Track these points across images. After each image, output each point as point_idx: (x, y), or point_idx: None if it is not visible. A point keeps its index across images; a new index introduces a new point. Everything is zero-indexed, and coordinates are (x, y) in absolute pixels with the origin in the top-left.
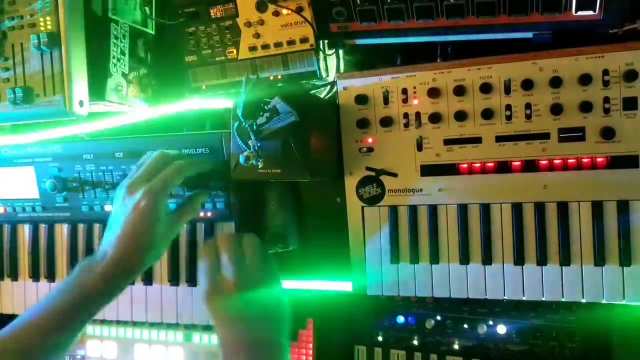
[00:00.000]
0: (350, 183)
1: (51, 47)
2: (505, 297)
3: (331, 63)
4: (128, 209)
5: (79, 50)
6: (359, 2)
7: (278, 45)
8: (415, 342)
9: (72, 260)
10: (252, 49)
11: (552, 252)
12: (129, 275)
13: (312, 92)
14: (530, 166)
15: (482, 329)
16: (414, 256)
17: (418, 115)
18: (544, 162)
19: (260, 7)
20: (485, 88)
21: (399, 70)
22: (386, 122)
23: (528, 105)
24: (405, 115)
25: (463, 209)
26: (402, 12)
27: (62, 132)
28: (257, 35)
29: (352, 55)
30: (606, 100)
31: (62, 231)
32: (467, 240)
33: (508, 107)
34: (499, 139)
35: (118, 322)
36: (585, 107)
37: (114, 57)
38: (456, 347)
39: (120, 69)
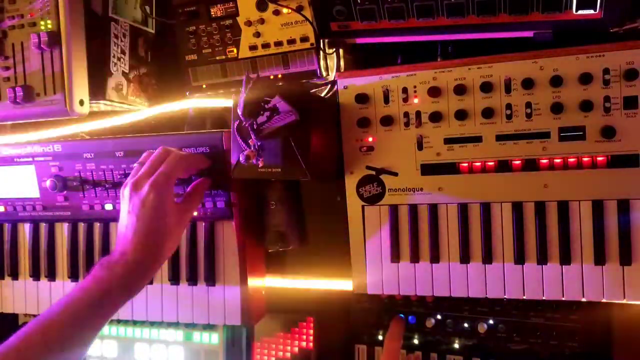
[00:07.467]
0: (351, 182)
1: (51, 46)
2: (505, 296)
3: (331, 62)
4: (137, 206)
5: (79, 49)
6: (359, 1)
7: (278, 44)
8: (416, 341)
9: (73, 259)
10: (253, 48)
11: (553, 251)
12: (150, 271)
13: (312, 91)
14: (530, 165)
15: (483, 328)
16: (414, 255)
17: (418, 114)
18: (544, 161)
19: (261, 6)
20: (486, 87)
21: (400, 69)
22: (387, 121)
23: (528, 104)
24: (406, 114)
25: (463, 208)
26: (402, 11)
27: (62, 131)
28: (258, 34)
29: (353, 54)
30: (607, 99)
31: (63, 230)
32: (467, 240)
33: (508, 106)
34: (500, 138)
35: (118, 321)
36: (586, 106)
37: (114, 56)
38: (456, 346)
39: (121, 68)
